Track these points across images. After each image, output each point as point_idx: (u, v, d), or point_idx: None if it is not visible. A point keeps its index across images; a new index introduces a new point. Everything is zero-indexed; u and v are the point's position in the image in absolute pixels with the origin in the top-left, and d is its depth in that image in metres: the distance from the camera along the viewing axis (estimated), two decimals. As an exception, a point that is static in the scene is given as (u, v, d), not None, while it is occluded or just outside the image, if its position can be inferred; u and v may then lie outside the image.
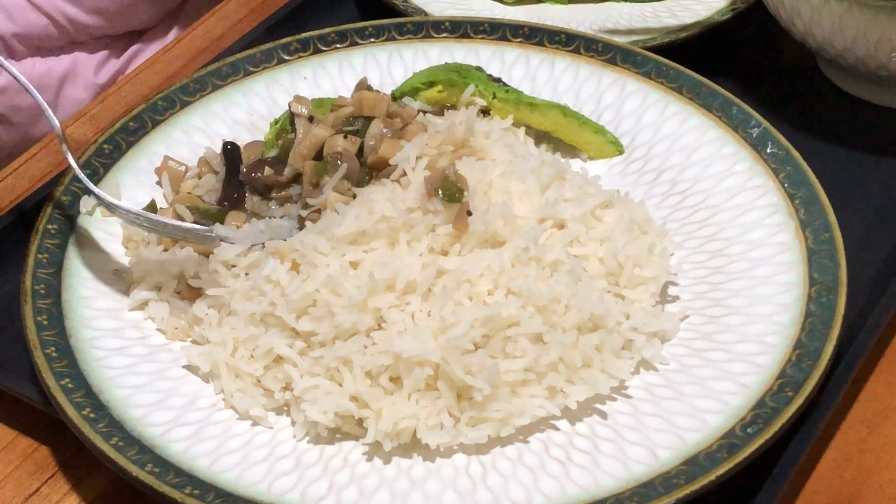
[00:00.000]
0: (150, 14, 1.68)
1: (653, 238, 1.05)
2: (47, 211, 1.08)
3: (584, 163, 1.19)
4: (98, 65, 1.66)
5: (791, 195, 1.09)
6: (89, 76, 1.64)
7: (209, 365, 0.98)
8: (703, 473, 0.87)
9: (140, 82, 1.36)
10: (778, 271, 1.03)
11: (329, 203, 1.04)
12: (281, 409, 0.97)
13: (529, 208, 1.03)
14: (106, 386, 0.95)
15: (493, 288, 0.97)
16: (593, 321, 0.97)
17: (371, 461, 0.93)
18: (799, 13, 1.21)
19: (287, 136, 1.13)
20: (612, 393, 0.96)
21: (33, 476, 0.97)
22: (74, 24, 1.62)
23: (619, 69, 1.23)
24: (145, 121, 1.19)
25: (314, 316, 0.96)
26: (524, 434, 0.94)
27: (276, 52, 1.26)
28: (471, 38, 1.28)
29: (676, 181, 1.15)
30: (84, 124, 1.30)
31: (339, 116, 1.12)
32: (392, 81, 1.24)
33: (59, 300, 1.01)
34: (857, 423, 0.99)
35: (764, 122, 1.15)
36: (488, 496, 0.89)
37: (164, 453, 0.91)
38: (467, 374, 0.92)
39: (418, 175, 1.04)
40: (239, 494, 0.88)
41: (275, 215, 1.07)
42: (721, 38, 1.34)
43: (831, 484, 0.95)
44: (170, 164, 1.14)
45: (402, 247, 0.99)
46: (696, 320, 1.02)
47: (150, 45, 1.68)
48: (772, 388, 0.93)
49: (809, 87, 1.32)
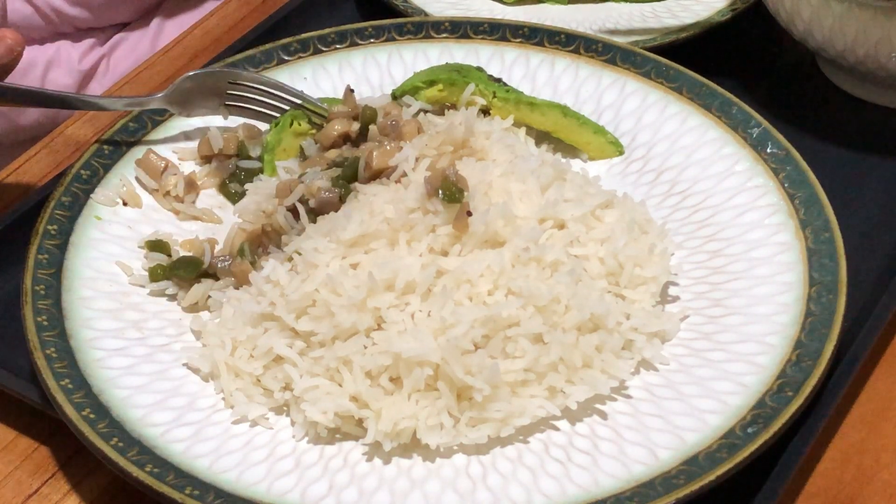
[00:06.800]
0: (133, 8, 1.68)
1: (653, 238, 1.05)
2: (47, 211, 1.08)
3: (585, 163, 1.19)
4: (82, 53, 1.66)
5: (791, 195, 1.09)
6: (73, 63, 1.65)
7: (209, 366, 0.98)
8: (703, 473, 0.87)
9: (140, 82, 1.36)
10: (778, 271, 1.03)
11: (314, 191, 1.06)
12: (281, 409, 0.97)
13: (530, 208, 1.03)
14: (106, 386, 0.95)
15: (493, 288, 0.97)
16: (593, 321, 0.97)
17: (371, 461, 0.93)
18: (799, 13, 1.21)
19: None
20: (612, 393, 0.96)
21: (33, 476, 0.97)
22: (60, 14, 1.62)
23: (618, 69, 1.23)
24: (145, 121, 1.19)
25: (314, 316, 0.96)
26: (524, 434, 0.94)
27: (276, 53, 1.26)
28: (471, 38, 1.28)
29: (676, 181, 1.15)
30: (84, 124, 1.30)
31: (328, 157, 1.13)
32: (392, 82, 1.24)
33: (59, 301, 1.02)
34: (857, 423, 0.99)
35: (764, 122, 1.15)
36: (488, 496, 0.89)
37: (164, 454, 0.91)
38: (467, 375, 0.92)
39: (418, 175, 1.04)
40: (239, 494, 0.88)
41: None
42: (721, 38, 1.34)
43: (831, 484, 0.95)
44: (150, 158, 1.15)
45: (402, 247, 0.99)
46: (697, 320, 1.02)
47: (134, 33, 1.68)
48: (772, 388, 0.93)
49: (809, 87, 1.32)
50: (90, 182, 1.12)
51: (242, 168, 1.16)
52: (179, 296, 1.05)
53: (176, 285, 1.06)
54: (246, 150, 1.17)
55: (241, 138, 1.18)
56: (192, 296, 1.05)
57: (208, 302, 1.04)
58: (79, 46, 1.66)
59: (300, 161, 1.16)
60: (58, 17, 1.63)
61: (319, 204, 1.05)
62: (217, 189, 1.16)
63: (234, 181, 1.16)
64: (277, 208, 1.07)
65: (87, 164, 1.13)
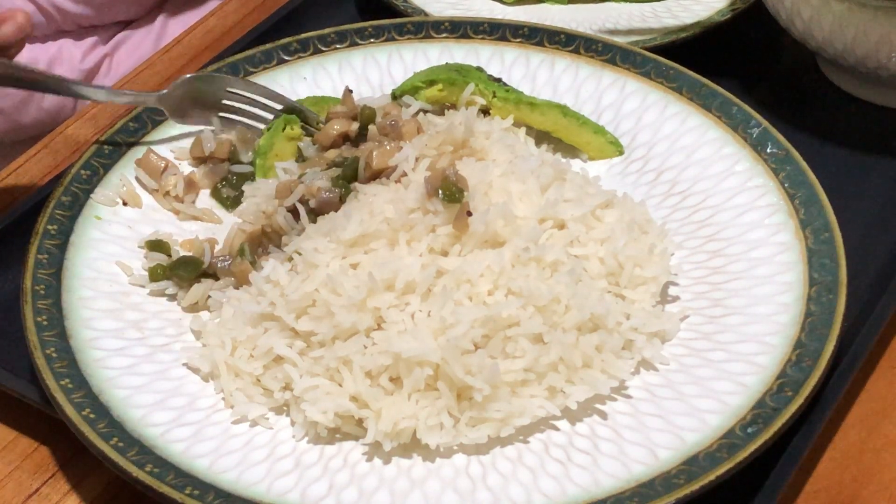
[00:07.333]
0: (136, 6, 1.68)
1: (653, 238, 1.05)
2: (47, 211, 1.08)
3: (584, 163, 1.19)
4: (84, 52, 1.66)
5: (791, 195, 1.09)
6: (75, 62, 1.65)
7: (209, 366, 0.98)
8: (703, 473, 0.87)
9: (140, 82, 1.36)
10: (778, 271, 1.03)
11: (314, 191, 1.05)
12: (281, 409, 0.97)
13: (530, 209, 1.03)
14: (106, 386, 0.95)
15: (493, 288, 0.97)
16: (593, 321, 0.97)
17: (371, 461, 0.93)
18: (799, 13, 1.21)
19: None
20: (612, 393, 0.96)
21: (33, 476, 0.97)
22: (62, 12, 1.62)
23: (618, 69, 1.23)
24: (145, 121, 1.19)
25: (314, 316, 0.96)
26: (524, 434, 0.94)
27: (275, 53, 1.26)
28: (471, 38, 1.28)
29: (676, 181, 1.15)
30: (84, 124, 1.30)
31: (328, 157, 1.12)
32: (392, 81, 1.24)
33: (58, 301, 1.02)
34: (857, 423, 0.99)
35: (764, 122, 1.15)
36: (488, 496, 0.89)
37: (164, 453, 0.91)
38: (467, 374, 0.92)
39: (418, 175, 1.04)
40: (239, 494, 0.88)
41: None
42: (721, 38, 1.33)
43: (831, 484, 0.95)
44: (150, 158, 1.15)
45: (402, 247, 0.99)
46: (696, 320, 1.02)
47: (137, 32, 1.68)
48: (772, 388, 0.93)
49: (809, 87, 1.32)
50: (90, 182, 1.12)
51: (235, 173, 1.16)
52: (179, 296, 1.05)
53: (176, 285, 1.06)
54: (237, 155, 1.17)
55: (233, 142, 1.18)
56: (192, 296, 1.05)
57: (208, 302, 1.04)
58: (81, 45, 1.66)
59: (300, 161, 1.16)
60: (60, 14, 1.63)
61: (319, 204, 1.05)
62: (210, 194, 1.16)
63: (226, 186, 1.15)
64: (277, 209, 1.07)
65: (87, 164, 1.13)
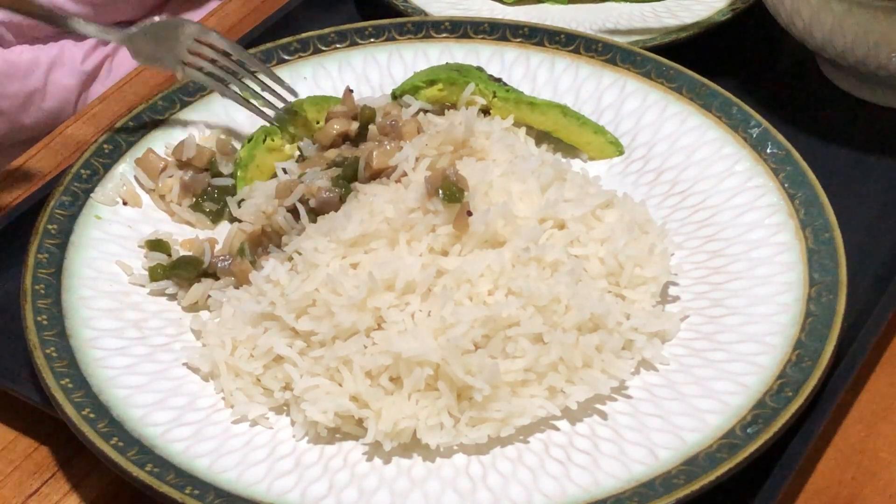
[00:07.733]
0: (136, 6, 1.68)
1: (653, 238, 1.05)
2: (47, 210, 1.08)
3: (585, 163, 1.19)
4: (85, 53, 1.66)
5: (791, 195, 1.09)
6: (76, 63, 1.65)
7: (209, 365, 0.98)
8: (703, 473, 0.87)
9: (140, 82, 1.36)
10: (778, 271, 1.03)
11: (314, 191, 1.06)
12: (281, 408, 0.97)
13: (530, 208, 1.03)
14: (106, 386, 0.95)
15: (493, 288, 0.97)
16: (593, 321, 0.97)
17: (371, 461, 0.93)
18: (799, 13, 1.21)
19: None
20: (612, 393, 0.96)
21: (33, 476, 0.97)
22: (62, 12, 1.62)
23: (618, 69, 1.23)
24: (145, 121, 1.19)
25: (314, 316, 0.96)
26: (524, 434, 0.94)
27: (276, 52, 1.26)
28: (471, 38, 1.28)
29: (676, 181, 1.15)
30: (84, 124, 1.30)
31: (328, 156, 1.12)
32: (392, 81, 1.24)
33: (59, 300, 1.01)
34: (857, 423, 0.99)
35: (764, 122, 1.15)
36: (488, 496, 0.89)
37: (164, 453, 0.91)
38: (467, 374, 0.92)
39: (419, 175, 1.04)
40: (239, 494, 0.88)
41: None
42: (721, 38, 1.34)
43: (831, 484, 0.95)
44: (150, 157, 1.14)
45: (402, 247, 0.99)
46: (697, 320, 1.02)
47: None
48: (772, 388, 0.93)
49: (809, 87, 1.32)
50: (90, 181, 1.12)
51: (215, 186, 1.14)
52: (179, 295, 1.05)
53: (176, 285, 1.06)
54: (216, 166, 1.14)
55: (214, 151, 1.16)
56: (192, 295, 1.05)
57: (208, 302, 1.04)
58: (82, 46, 1.66)
59: (300, 161, 1.16)
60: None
61: (319, 204, 1.05)
62: (192, 207, 1.13)
63: (207, 200, 1.13)
64: (277, 208, 1.07)
65: (87, 164, 1.13)
